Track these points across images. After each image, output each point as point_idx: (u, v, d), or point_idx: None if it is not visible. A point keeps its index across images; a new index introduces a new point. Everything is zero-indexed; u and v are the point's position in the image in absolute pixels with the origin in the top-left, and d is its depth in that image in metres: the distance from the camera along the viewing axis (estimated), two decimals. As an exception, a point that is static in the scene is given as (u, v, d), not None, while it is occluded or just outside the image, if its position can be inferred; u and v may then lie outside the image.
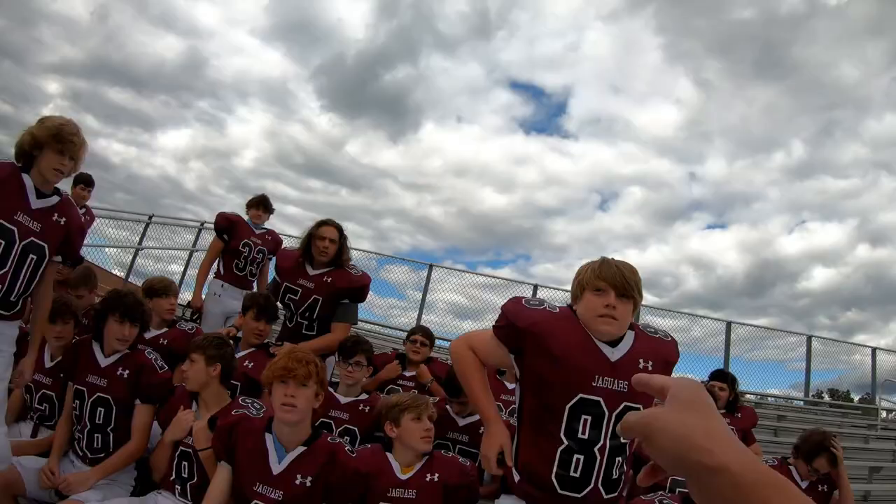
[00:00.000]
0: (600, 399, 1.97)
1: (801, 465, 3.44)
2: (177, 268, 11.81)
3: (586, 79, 45.82)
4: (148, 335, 3.67)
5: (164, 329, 3.88)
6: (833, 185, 36.17)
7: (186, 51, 43.03)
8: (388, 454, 2.73)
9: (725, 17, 40.80)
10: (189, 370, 2.93)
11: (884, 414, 12.50)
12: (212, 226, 12.51)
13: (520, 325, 2.07)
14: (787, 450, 3.85)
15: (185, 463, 2.85)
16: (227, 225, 5.23)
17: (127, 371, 2.98)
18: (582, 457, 1.98)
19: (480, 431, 3.35)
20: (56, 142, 2.66)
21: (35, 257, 2.72)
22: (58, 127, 2.68)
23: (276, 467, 2.52)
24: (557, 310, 2.14)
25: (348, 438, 3.11)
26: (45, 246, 2.75)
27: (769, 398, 12.58)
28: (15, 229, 2.63)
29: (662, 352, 2.11)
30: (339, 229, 3.97)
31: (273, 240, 5.43)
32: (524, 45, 46.09)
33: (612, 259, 2.14)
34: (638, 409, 1.91)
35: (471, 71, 46.48)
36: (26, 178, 2.69)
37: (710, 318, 12.71)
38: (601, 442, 1.98)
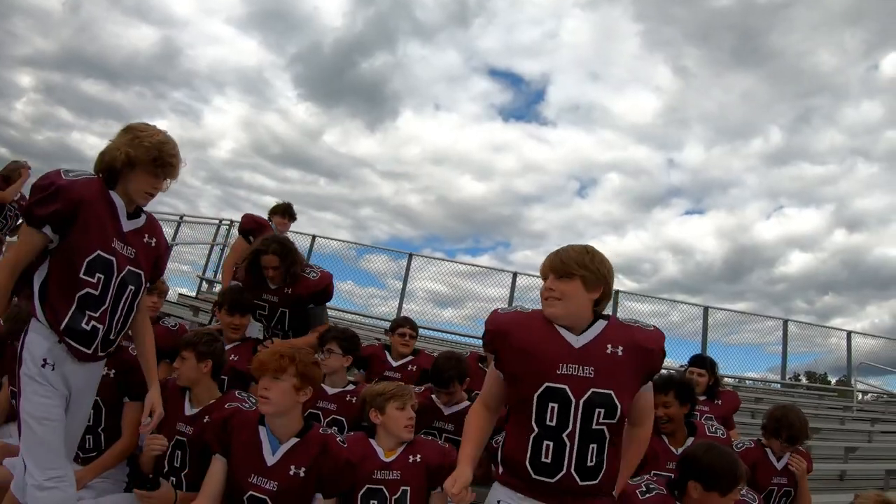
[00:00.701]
0: (566, 387, 2.00)
1: (773, 443, 3.52)
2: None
3: (565, 66, 45.85)
4: None
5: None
6: (810, 171, 36.73)
7: (161, 41, 42.42)
8: (372, 440, 2.83)
9: (704, 5, 41.05)
10: (180, 367, 2.94)
11: (859, 396, 12.81)
12: (192, 219, 12.49)
13: (491, 329, 2.15)
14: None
15: (179, 452, 2.88)
16: (254, 227, 5.19)
17: (113, 370, 2.96)
18: (551, 443, 2.01)
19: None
20: (154, 165, 2.35)
21: (133, 288, 2.44)
22: (158, 147, 2.34)
23: (271, 459, 2.57)
24: (529, 310, 2.20)
25: (335, 429, 3.15)
26: (142, 274, 2.49)
27: (747, 381, 12.84)
28: (114, 259, 2.34)
29: (638, 338, 2.08)
30: (280, 253, 3.80)
31: None
32: (502, 32, 45.97)
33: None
34: (608, 394, 1.98)
35: (449, 58, 46.32)
36: (115, 196, 2.38)
37: (688, 303, 13.02)
38: (569, 428, 2.00)
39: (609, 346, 2.04)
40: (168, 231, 11.59)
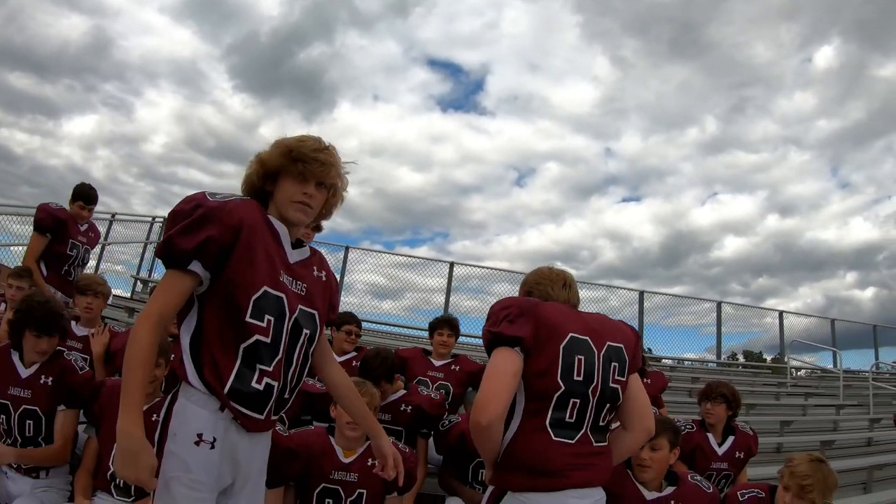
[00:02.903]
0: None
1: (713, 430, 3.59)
2: (90, 262, 11.23)
3: (504, 57, 46.26)
4: (80, 333, 3.78)
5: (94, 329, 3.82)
6: (744, 159, 38.21)
7: (91, 30, 40.61)
8: (331, 437, 2.79)
9: (642, -3, 41.91)
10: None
11: (793, 372, 13.37)
12: (124, 217, 11.99)
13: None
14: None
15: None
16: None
17: (50, 378, 2.87)
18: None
19: (402, 409, 3.48)
20: (293, 162, 1.82)
21: (308, 332, 1.87)
22: (294, 145, 1.83)
23: None
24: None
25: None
26: (317, 315, 1.93)
27: (685, 362, 13.26)
28: (284, 297, 1.79)
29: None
30: None
31: None
32: (442, 22, 46.01)
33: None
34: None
35: (388, 49, 46.05)
36: (274, 220, 1.83)
37: (626, 288, 13.53)
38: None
39: None
40: (100, 230, 11.11)
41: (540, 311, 1.99)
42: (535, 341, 1.94)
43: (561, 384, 1.93)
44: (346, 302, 11.33)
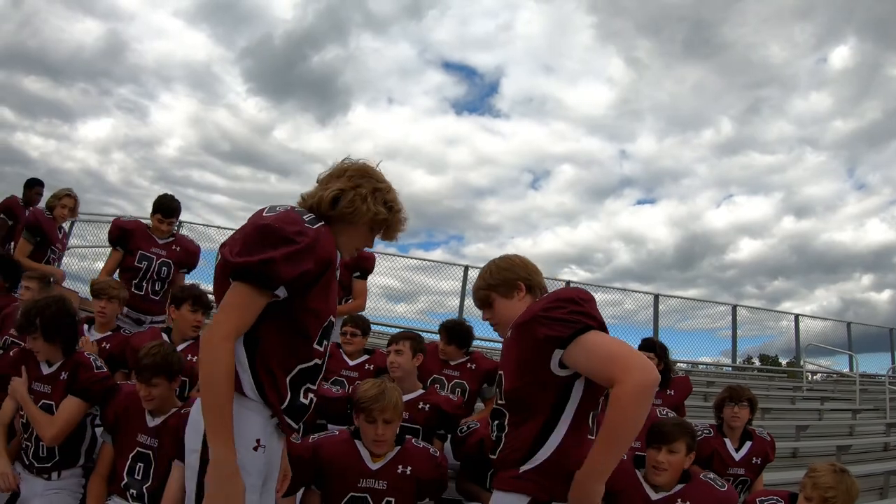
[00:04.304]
0: None
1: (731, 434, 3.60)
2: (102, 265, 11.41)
3: (518, 58, 46.18)
4: (93, 338, 3.67)
5: (108, 333, 3.79)
6: (760, 160, 37.88)
7: (106, 35, 40.76)
8: (357, 442, 2.69)
9: (656, -3, 41.79)
10: (154, 393, 2.82)
11: (809, 376, 13.27)
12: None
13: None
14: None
15: (141, 465, 2.80)
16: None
17: (66, 373, 2.89)
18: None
19: (420, 408, 3.38)
20: (388, 224, 1.92)
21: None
22: (399, 208, 1.92)
23: None
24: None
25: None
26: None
27: (700, 366, 13.19)
28: (334, 322, 1.92)
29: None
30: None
31: None
32: (456, 24, 46.01)
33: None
34: None
35: (402, 51, 46.12)
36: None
37: (640, 291, 13.38)
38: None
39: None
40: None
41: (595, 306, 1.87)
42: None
43: None
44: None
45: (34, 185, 5.91)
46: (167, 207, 4.58)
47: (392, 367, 3.40)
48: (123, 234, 4.47)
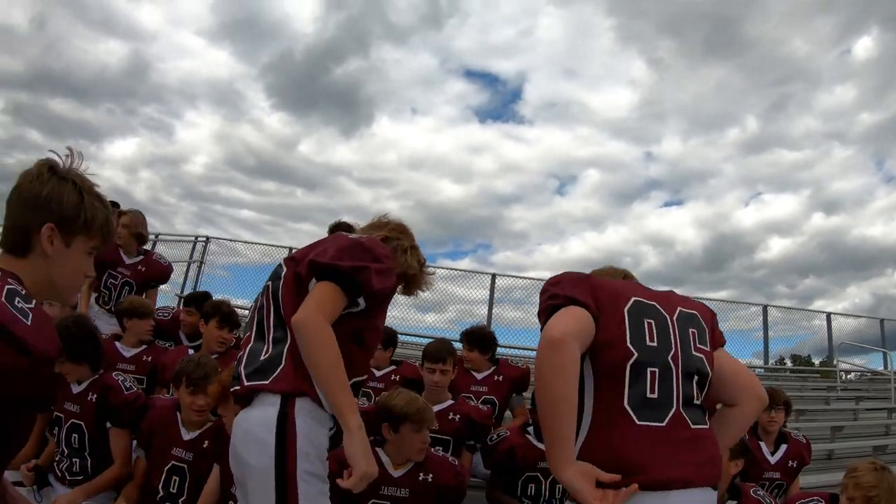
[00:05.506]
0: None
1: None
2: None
3: (540, 64, 46.03)
4: (128, 354, 3.82)
5: (143, 347, 3.92)
6: (787, 157, 37.25)
7: (129, 55, 41.56)
8: (380, 450, 2.68)
9: (676, -3, 41.55)
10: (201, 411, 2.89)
11: (843, 375, 13.02)
12: (168, 237, 12.34)
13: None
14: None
15: (176, 478, 2.84)
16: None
17: (95, 395, 2.95)
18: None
19: (450, 418, 3.34)
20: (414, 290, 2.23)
21: None
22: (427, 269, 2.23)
23: None
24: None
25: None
26: None
27: (733, 368, 12.97)
28: None
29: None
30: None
31: None
32: (476, 32, 46.04)
33: None
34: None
35: (424, 61, 46.23)
36: None
37: (670, 295, 13.09)
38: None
39: None
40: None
41: (593, 279, 1.75)
42: (596, 308, 1.65)
43: (633, 350, 1.63)
44: (390, 315, 11.22)
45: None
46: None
47: (437, 386, 3.40)
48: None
